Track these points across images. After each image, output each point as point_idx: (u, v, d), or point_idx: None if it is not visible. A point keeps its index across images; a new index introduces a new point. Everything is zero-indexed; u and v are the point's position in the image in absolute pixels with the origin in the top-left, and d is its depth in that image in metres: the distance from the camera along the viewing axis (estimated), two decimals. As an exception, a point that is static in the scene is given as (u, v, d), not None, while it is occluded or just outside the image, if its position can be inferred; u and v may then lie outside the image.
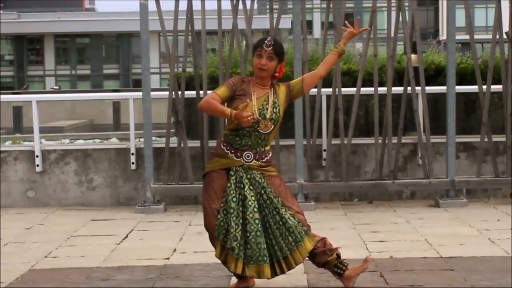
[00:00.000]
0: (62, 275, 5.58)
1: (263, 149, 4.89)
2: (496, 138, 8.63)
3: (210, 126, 8.62)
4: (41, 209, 8.63)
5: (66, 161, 8.86)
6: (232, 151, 4.86)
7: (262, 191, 4.84)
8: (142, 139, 8.69)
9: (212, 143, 8.46)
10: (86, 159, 8.87)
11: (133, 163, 8.78)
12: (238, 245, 4.77)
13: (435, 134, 8.65)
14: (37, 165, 8.79)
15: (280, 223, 4.82)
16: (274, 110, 4.85)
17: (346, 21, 5.26)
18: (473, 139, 8.84)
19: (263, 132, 4.84)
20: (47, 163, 8.85)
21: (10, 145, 10.27)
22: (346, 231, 7.04)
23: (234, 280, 5.15)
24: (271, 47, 4.82)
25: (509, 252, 5.97)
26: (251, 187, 4.82)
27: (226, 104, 4.84)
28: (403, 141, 8.60)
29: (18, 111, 21.63)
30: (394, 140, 8.46)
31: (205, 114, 8.38)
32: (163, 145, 8.58)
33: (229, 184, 4.82)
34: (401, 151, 8.61)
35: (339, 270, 4.95)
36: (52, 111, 22.48)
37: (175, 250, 6.37)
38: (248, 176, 4.84)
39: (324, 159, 8.58)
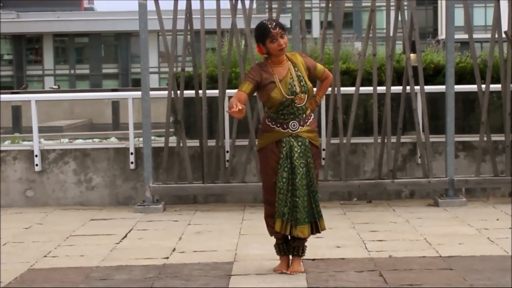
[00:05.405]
0: (61, 275, 5.58)
1: (304, 115, 5.29)
2: (495, 138, 8.62)
3: (209, 126, 8.62)
4: (40, 209, 8.62)
5: (65, 161, 8.86)
6: (278, 125, 5.27)
7: (309, 160, 5.27)
8: (141, 139, 8.68)
9: (211, 143, 8.46)
10: (85, 159, 8.86)
11: (132, 162, 8.77)
12: (288, 210, 5.22)
13: (434, 134, 8.64)
14: (36, 165, 8.78)
15: (311, 194, 5.30)
16: (302, 83, 5.25)
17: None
18: (472, 138, 8.83)
19: (300, 105, 5.25)
20: (46, 162, 8.85)
21: (9, 144, 10.24)
22: (345, 230, 7.04)
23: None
24: (278, 27, 5.22)
25: (508, 251, 5.97)
26: (300, 154, 5.24)
27: (256, 93, 5.31)
28: (402, 140, 8.60)
29: (17, 111, 21.61)
30: (393, 139, 8.45)
31: (203, 113, 8.39)
32: (162, 145, 8.57)
33: (281, 155, 5.24)
34: (400, 151, 8.61)
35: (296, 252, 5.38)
36: (51, 111, 22.47)
37: (174, 249, 6.37)
38: (299, 143, 5.26)
39: (323, 159, 8.57)
